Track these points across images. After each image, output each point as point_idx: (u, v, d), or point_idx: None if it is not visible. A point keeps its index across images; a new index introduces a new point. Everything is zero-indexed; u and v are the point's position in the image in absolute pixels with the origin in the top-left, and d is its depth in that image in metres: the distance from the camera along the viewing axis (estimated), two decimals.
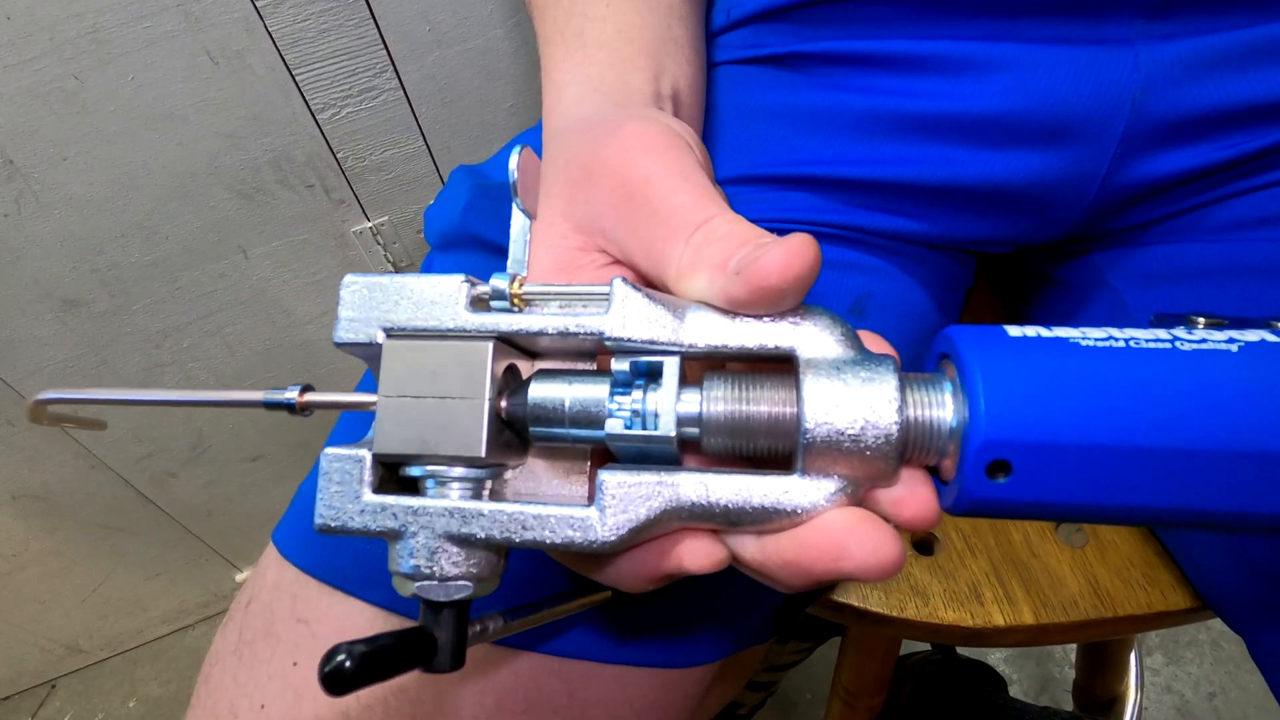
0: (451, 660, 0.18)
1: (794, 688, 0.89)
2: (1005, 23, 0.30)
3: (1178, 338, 0.14)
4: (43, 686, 1.06)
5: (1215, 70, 0.30)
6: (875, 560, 0.16)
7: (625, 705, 0.27)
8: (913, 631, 0.37)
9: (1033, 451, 0.14)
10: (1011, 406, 0.14)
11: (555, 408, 0.18)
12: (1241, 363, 0.14)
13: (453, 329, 0.18)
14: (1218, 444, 0.13)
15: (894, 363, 0.16)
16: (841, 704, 0.61)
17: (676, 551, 0.18)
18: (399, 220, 0.80)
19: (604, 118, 0.24)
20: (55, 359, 0.75)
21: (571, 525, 0.17)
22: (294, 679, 0.25)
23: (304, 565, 0.27)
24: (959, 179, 0.33)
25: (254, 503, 0.99)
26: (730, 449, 0.17)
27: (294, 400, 0.18)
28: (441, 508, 0.18)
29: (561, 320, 0.18)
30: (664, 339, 0.17)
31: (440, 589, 0.18)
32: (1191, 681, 0.86)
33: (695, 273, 0.17)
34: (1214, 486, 0.14)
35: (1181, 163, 0.32)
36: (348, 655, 0.15)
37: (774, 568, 0.17)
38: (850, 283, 0.33)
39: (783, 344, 0.17)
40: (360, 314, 0.18)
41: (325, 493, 0.18)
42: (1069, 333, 0.15)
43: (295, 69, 0.66)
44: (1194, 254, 0.33)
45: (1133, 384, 0.14)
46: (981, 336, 0.15)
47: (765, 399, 0.17)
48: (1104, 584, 0.37)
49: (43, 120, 0.61)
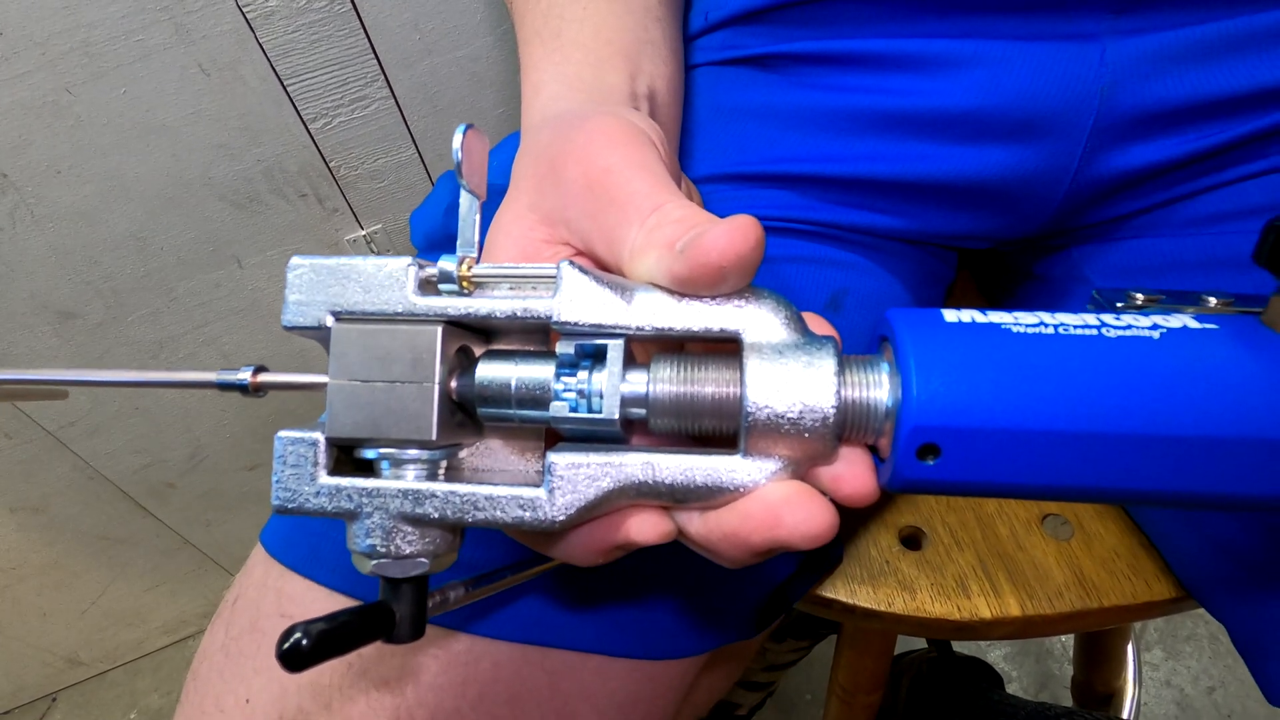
0: (411, 631, 0.18)
1: (793, 687, 0.89)
2: (976, 19, 0.31)
3: (1105, 324, 0.15)
4: (43, 700, 1.06)
5: (1181, 64, 0.30)
6: (807, 528, 0.16)
7: (607, 698, 0.28)
8: (902, 626, 0.37)
9: (960, 436, 0.15)
10: (940, 393, 0.15)
11: (502, 389, 0.18)
12: (1162, 350, 0.14)
13: (401, 313, 0.18)
14: (1135, 429, 0.14)
15: (834, 346, 0.17)
16: (839, 702, 0.61)
17: (625, 526, 0.18)
18: (392, 228, 0.80)
19: (575, 113, 0.24)
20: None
21: (522, 505, 0.17)
22: (279, 673, 0.25)
23: (288, 561, 0.27)
24: (933, 174, 0.33)
25: (252, 511, 0.99)
26: (676, 429, 0.18)
27: (247, 381, 0.19)
28: (395, 489, 0.18)
29: (509, 304, 0.18)
30: (610, 321, 0.17)
31: (397, 566, 0.18)
32: (1190, 675, 0.86)
33: (645, 252, 0.18)
34: (1132, 468, 0.14)
35: (1151, 156, 0.32)
36: (304, 634, 0.16)
37: (716, 540, 0.18)
38: (827, 278, 0.33)
39: (728, 327, 0.17)
40: (308, 297, 0.18)
41: (281, 475, 0.18)
42: (1002, 318, 0.15)
43: (287, 79, 0.67)
44: (1168, 248, 0.34)
45: (1057, 371, 0.14)
46: (918, 321, 0.16)
47: (710, 380, 0.17)
48: (1089, 575, 0.37)
49: (36, 134, 0.62)
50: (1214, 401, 0.14)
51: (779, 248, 0.33)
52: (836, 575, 0.38)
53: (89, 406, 0.79)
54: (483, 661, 0.26)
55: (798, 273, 0.33)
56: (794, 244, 0.33)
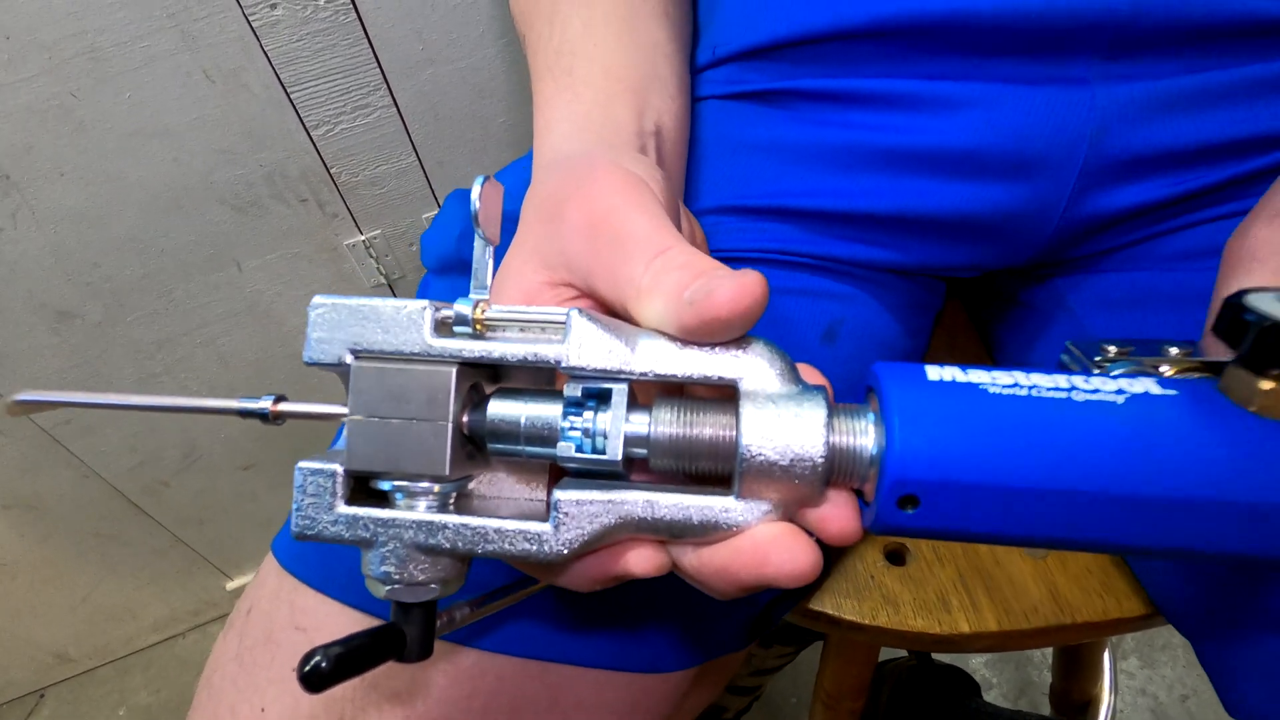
0: (419, 651, 0.19)
1: (779, 691, 0.91)
2: (974, 62, 0.32)
3: (1075, 386, 0.16)
4: (31, 696, 1.06)
5: (1168, 112, 0.32)
6: (792, 568, 0.18)
7: (604, 709, 0.29)
8: (885, 638, 0.39)
9: (937, 489, 0.16)
10: (920, 448, 0.16)
11: (511, 427, 0.19)
12: (1125, 414, 0.16)
13: (418, 353, 0.19)
14: (1098, 488, 0.15)
15: (825, 396, 0.18)
16: (824, 707, 0.63)
17: (624, 559, 0.19)
18: (391, 234, 0.81)
19: (583, 157, 0.25)
20: (49, 369, 0.76)
21: (529, 539, 0.19)
22: (293, 684, 0.26)
23: (301, 575, 0.28)
24: (930, 210, 0.35)
25: (246, 511, 0.99)
26: (674, 469, 0.19)
27: (267, 409, 0.19)
28: (410, 520, 0.19)
29: (520, 349, 0.19)
30: (615, 367, 0.18)
31: (409, 592, 0.19)
32: (1165, 684, 0.88)
33: (652, 297, 0.19)
34: (1095, 523, 0.16)
35: (1136, 197, 0.34)
36: (323, 657, 0.17)
37: (708, 574, 0.19)
38: (824, 310, 0.34)
39: (726, 375, 0.18)
40: (329, 334, 0.19)
41: (300, 504, 0.19)
42: (981, 378, 0.17)
43: (290, 87, 0.67)
44: (1148, 281, 0.35)
45: (1029, 431, 0.16)
46: (903, 377, 0.17)
47: (707, 424, 0.18)
48: (1063, 592, 0.38)
49: (40, 137, 0.63)
50: (1171, 464, 0.15)
51: (779, 280, 0.34)
52: (824, 589, 0.39)
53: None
54: (488, 675, 0.27)
55: (796, 304, 0.34)
56: (793, 276, 0.34)
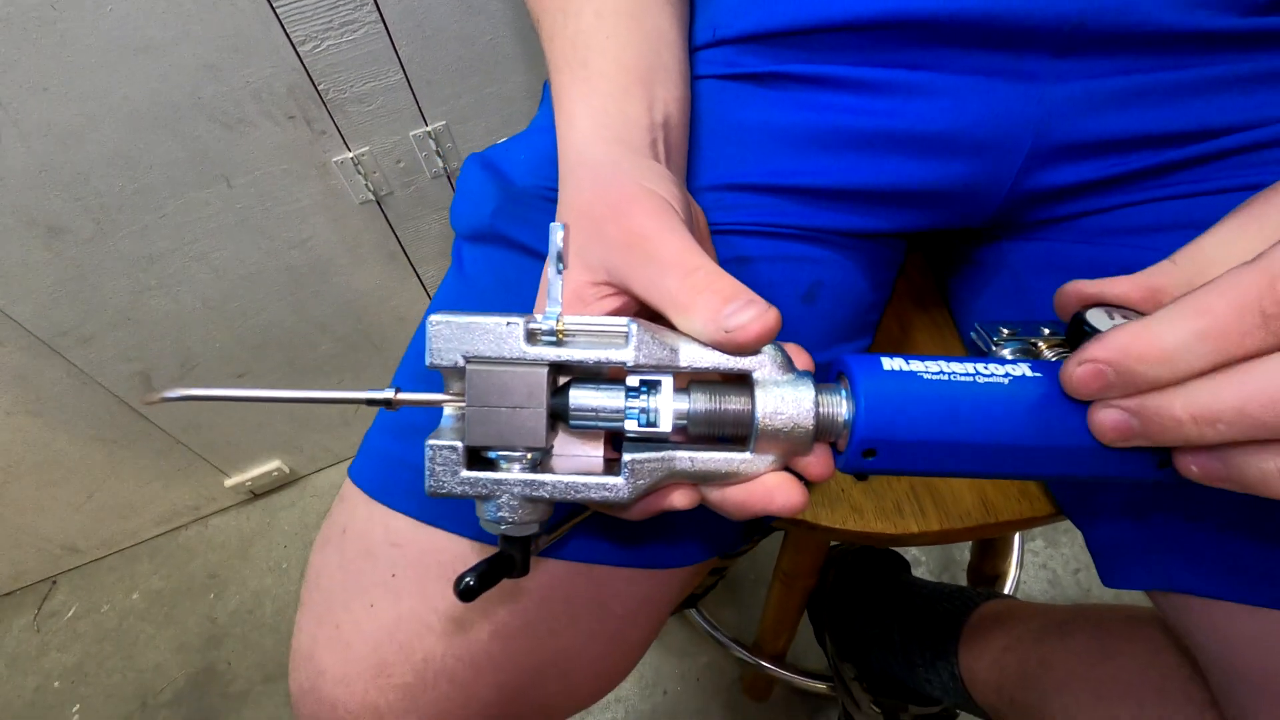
0: (522, 569, 0.27)
1: (740, 571, 1.04)
2: (944, 55, 0.37)
3: (978, 372, 0.24)
4: (44, 583, 1.12)
5: (1105, 108, 0.38)
6: (788, 502, 0.25)
7: (634, 597, 0.37)
8: (850, 537, 0.48)
9: (888, 444, 0.24)
10: (876, 418, 0.24)
11: (589, 408, 0.26)
12: (1009, 391, 0.24)
13: (517, 358, 0.25)
14: (992, 440, 0.23)
15: (811, 378, 0.25)
16: (781, 585, 0.74)
17: (670, 498, 0.27)
18: (379, 150, 0.82)
19: (610, 167, 0.30)
20: (43, 284, 0.77)
21: (606, 489, 0.25)
22: (393, 585, 0.33)
23: (389, 501, 0.34)
24: (903, 184, 0.40)
25: (241, 415, 1.04)
26: (706, 434, 0.26)
27: (391, 398, 0.25)
28: (518, 479, 0.25)
29: (596, 354, 0.25)
30: (664, 364, 0.25)
31: (517, 529, 0.26)
32: (1063, 560, 1.04)
33: (691, 316, 0.25)
34: (991, 462, 0.24)
35: (1072, 177, 0.40)
36: (473, 575, 0.25)
37: (729, 507, 0.26)
38: (806, 273, 0.40)
39: (742, 367, 0.25)
40: (446, 345, 0.25)
41: (432, 471, 0.25)
42: (919, 367, 0.24)
43: (276, 1, 0.66)
44: (1079, 252, 0.42)
45: (947, 403, 0.23)
46: (866, 367, 0.24)
47: (731, 403, 0.25)
48: (991, 498, 0.47)
49: (22, 51, 0.61)
50: (1032, 423, 0.23)
51: (768, 249, 0.40)
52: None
53: (81, 316, 0.81)
54: (547, 574, 0.34)
55: (782, 269, 0.40)
56: (780, 245, 0.40)
